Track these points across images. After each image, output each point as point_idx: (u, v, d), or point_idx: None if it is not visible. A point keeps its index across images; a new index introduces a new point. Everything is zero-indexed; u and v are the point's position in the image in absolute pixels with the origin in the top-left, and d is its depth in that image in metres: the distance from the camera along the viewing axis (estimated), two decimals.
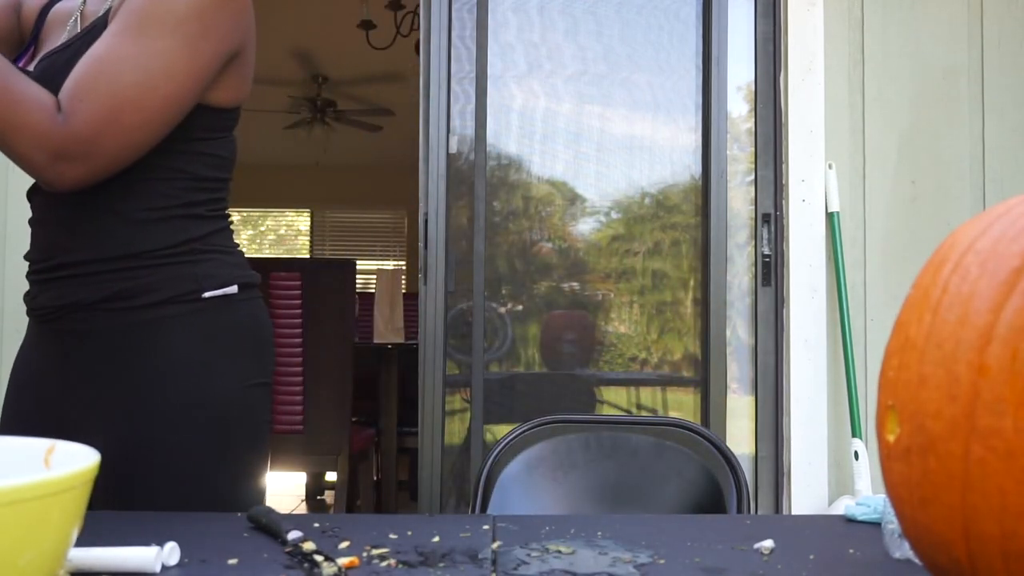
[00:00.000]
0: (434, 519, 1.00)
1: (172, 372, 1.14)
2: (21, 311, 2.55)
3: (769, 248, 2.68)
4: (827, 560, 0.85)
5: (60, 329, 1.18)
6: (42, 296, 1.20)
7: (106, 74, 1.06)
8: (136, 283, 1.14)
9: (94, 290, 1.15)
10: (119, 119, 1.07)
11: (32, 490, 0.58)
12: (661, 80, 2.83)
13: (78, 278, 1.16)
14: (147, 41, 1.07)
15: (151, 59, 1.07)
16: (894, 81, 2.61)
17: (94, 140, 1.06)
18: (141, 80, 1.07)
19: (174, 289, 1.15)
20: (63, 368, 1.18)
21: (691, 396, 2.84)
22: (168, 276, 1.15)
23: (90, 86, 1.06)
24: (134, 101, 1.07)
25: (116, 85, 1.06)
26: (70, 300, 1.16)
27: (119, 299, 1.14)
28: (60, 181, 1.08)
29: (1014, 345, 0.57)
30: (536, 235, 2.87)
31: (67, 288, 1.17)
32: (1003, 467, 0.57)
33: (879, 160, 2.61)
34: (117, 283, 1.14)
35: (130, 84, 1.07)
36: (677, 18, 2.83)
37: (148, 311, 1.14)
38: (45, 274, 1.20)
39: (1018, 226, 0.62)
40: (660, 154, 2.85)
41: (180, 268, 1.16)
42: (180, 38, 1.09)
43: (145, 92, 1.07)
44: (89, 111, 1.05)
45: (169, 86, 1.09)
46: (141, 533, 0.89)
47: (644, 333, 2.86)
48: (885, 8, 2.62)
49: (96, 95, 1.05)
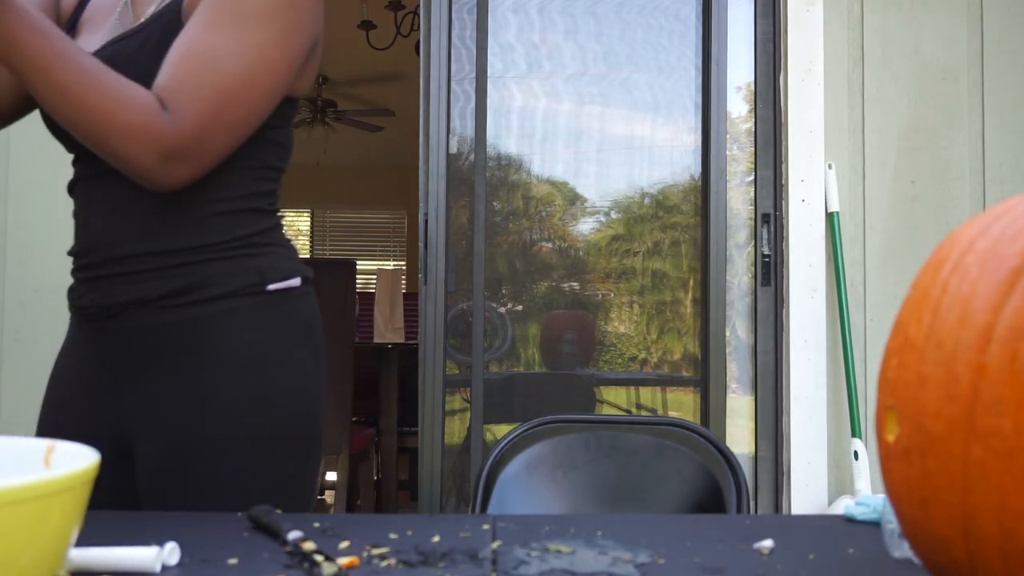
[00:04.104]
0: (434, 519, 1.00)
1: (236, 366, 1.11)
2: (21, 311, 2.56)
3: (769, 248, 2.68)
4: (827, 560, 0.85)
5: (115, 327, 1.13)
6: (92, 294, 1.14)
7: (209, 69, 1.03)
8: (199, 277, 1.11)
9: (155, 286, 1.10)
10: (224, 115, 1.04)
11: (32, 490, 0.58)
12: (661, 80, 2.83)
13: (138, 274, 1.11)
14: (244, 33, 1.05)
15: (250, 52, 1.05)
16: (894, 81, 2.61)
17: (202, 138, 1.03)
18: (243, 74, 1.05)
19: (238, 282, 1.12)
20: (117, 366, 1.14)
21: (691, 396, 2.84)
22: (231, 269, 1.12)
23: (194, 82, 1.02)
24: (238, 96, 1.05)
25: (220, 80, 1.03)
26: (128, 298, 1.11)
27: (182, 294, 1.10)
28: (167, 182, 1.04)
29: (1013, 345, 0.57)
30: (536, 235, 2.87)
31: (124, 285, 1.11)
32: (1003, 467, 0.57)
33: (879, 160, 2.61)
34: (180, 278, 1.10)
35: (234, 79, 1.04)
36: (677, 18, 2.83)
37: (211, 305, 1.11)
38: (95, 270, 1.13)
39: (1018, 226, 0.62)
40: (660, 154, 2.85)
41: (243, 261, 1.13)
42: (275, 29, 1.07)
43: (248, 86, 1.05)
44: (196, 109, 1.02)
45: (269, 79, 1.07)
46: (141, 533, 0.89)
47: (644, 333, 2.86)
48: (885, 8, 2.62)
49: (202, 92, 1.03)
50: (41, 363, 2.48)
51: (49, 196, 2.51)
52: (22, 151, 2.52)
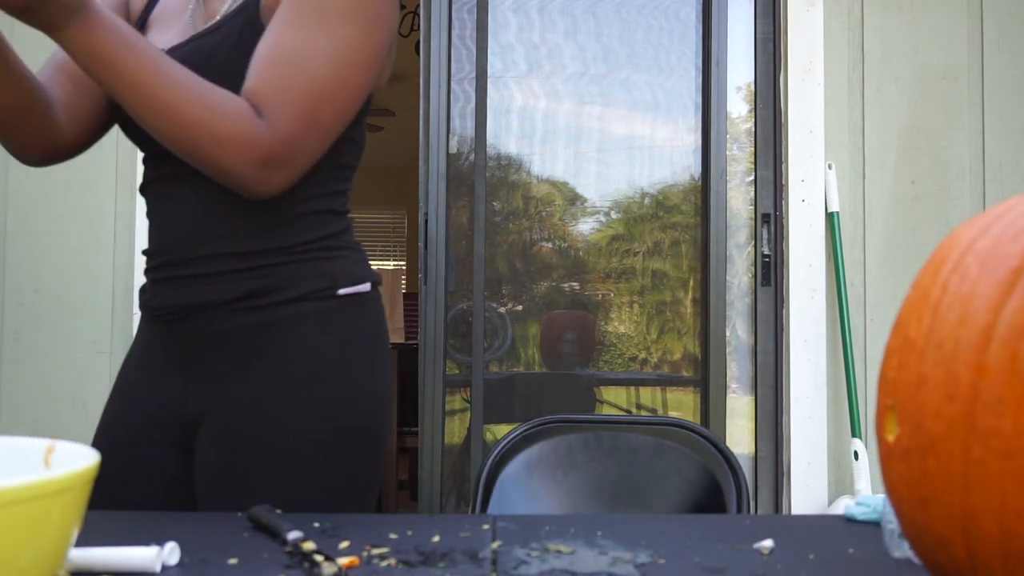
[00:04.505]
0: (434, 519, 1.00)
1: (306, 371, 1.10)
2: (21, 311, 2.56)
3: (769, 248, 2.68)
4: (827, 560, 0.85)
5: (185, 329, 1.13)
6: (165, 295, 1.13)
7: (301, 72, 1.01)
8: (273, 280, 1.10)
9: (229, 289, 1.10)
10: (319, 118, 1.03)
11: (32, 490, 0.58)
12: (661, 80, 2.83)
13: (213, 276, 1.10)
14: (331, 31, 1.03)
15: (338, 51, 1.03)
16: (894, 81, 2.61)
17: (298, 143, 1.02)
18: (334, 74, 1.03)
19: (310, 285, 1.11)
20: (186, 367, 1.14)
21: (691, 396, 2.84)
22: (305, 273, 1.11)
23: (287, 86, 1.01)
24: (330, 97, 1.03)
25: (313, 83, 1.02)
26: (202, 300, 1.10)
27: (255, 297, 1.10)
28: (264, 188, 1.02)
29: (1013, 345, 0.57)
30: (536, 235, 2.87)
31: (198, 287, 1.11)
32: (1003, 467, 0.57)
33: (879, 160, 2.61)
34: (254, 281, 1.10)
35: (325, 80, 1.02)
36: (677, 18, 2.83)
37: (282, 308, 1.10)
38: (168, 270, 1.12)
39: (1018, 226, 0.62)
40: (660, 154, 2.85)
41: (317, 264, 1.12)
42: (360, 25, 1.05)
43: (339, 86, 1.04)
44: (291, 113, 1.00)
45: (358, 77, 1.05)
46: (141, 533, 0.89)
47: (644, 333, 2.86)
48: (885, 8, 2.62)
49: (295, 95, 1.01)
50: (41, 363, 2.49)
51: (49, 196, 2.51)
52: None
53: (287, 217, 1.10)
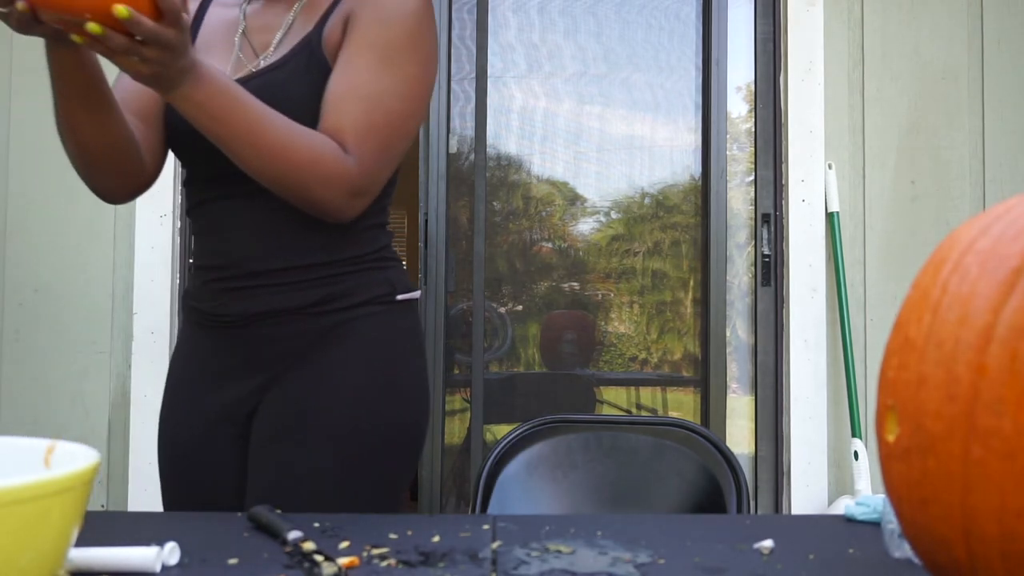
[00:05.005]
0: (434, 519, 1.00)
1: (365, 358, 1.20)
2: (21, 311, 2.56)
3: (769, 248, 2.68)
4: (827, 560, 0.85)
5: (252, 333, 1.21)
6: (233, 304, 1.21)
7: (378, 109, 1.13)
8: (341, 288, 1.20)
9: (301, 296, 1.19)
10: (392, 150, 1.16)
11: (32, 490, 0.58)
12: (661, 80, 2.83)
13: (285, 286, 1.19)
14: (397, 70, 1.15)
15: (406, 87, 1.16)
16: (894, 81, 2.61)
17: (379, 173, 1.15)
18: (404, 110, 1.16)
19: (373, 292, 1.22)
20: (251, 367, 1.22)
21: (691, 396, 2.84)
22: (369, 280, 1.22)
23: (367, 123, 1.12)
24: (401, 129, 1.16)
25: (389, 119, 1.14)
26: (274, 307, 1.19)
27: (326, 302, 1.19)
28: (350, 215, 1.15)
29: (1013, 345, 0.57)
30: (536, 235, 2.87)
31: (271, 296, 1.19)
32: (1003, 467, 0.57)
33: (879, 160, 2.61)
34: (322, 288, 1.19)
35: (398, 115, 1.15)
36: (677, 18, 2.83)
37: (349, 312, 1.20)
38: (238, 281, 1.20)
39: (1018, 226, 0.62)
40: (660, 154, 2.85)
41: (376, 273, 1.23)
42: (419, 62, 1.17)
43: (407, 119, 1.16)
44: (373, 148, 1.13)
45: (420, 108, 1.18)
46: (141, 533, 0.89)
47: (644, 333, 2.86)
48: (885, 8, 2.62)
49: (375, 131, 1.13)
50: (41, 363, 2.49)
51: (49, 196, 2.51)
52: (22, 152, 2.52)
53: (351, 231, 1.21)
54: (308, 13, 1.22)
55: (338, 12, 1.18)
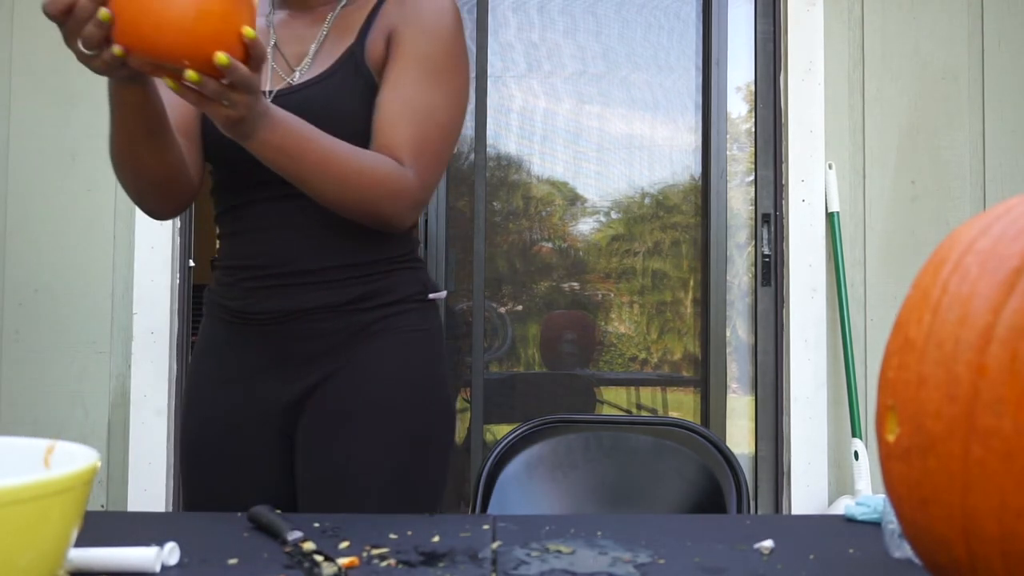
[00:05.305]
0: (434, 519, 1.00)
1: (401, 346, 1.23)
2: (21, 311, 2.56)
3: (769, 248, 2.68)
4: (827, 560, 0.85)
5: (287, 330, 1.22)
6: (268, 301, 1.23)
7: (431, 124, 1.19)
8: (379, 285, 1.24)
9: (340, 294, 1.22)
10: (444, 160, 1.22)
11: (32, 490, 0.58)
12: (661, 80, 2.83)
13: (323, 283, 1.21)
14: (445, 86, 1.21)
15: (452, 101, 1.22)
16: (894, 81, 2.61)
17: (434, 184, 1.21)
18: (452, 122, 1.22)
19: (408, 290, 1.26)
20: (286, 365, 1.23)
21: (691, 396, 2.84)
22: (402, 280, 1.26)
23: (423, 138, 1.18)
24: (450, 141, 1.23)
25: (441, 132, 1.20)
26: (311, 304, 1.21)
27: (360, 300, 1.22)
28: (409, 224, 1.21)
29: (1014, 345, 0.57)
30: (536, 235, 2.87)
31: (308, 292, 1.22)
32: (1003, 467, 0.57)
33: (879, 160, 2.61)
34: (359, 286, 1.23)
35: (448, 128, 1.21)
36: (677, 18, 2.83)
37: (385, 309, 1.24)
38: (274, 279, 1.22)
39: (1018, 226, 0.62)
40: (660, 154, 2.85)
41: (409, 273, 1.27)
42: (461, 73, 1.24)
43: (454, 130, 1.23)
44: (429, 161, 1.18)
45: (463, 119, 1.25)
46: (141, 533, 0.89)
47: (644, 333, 2.86)
48: (885, 8, 2.62)
49: (430, 146, 1.18)
50: (41, 363, 2.49)
51: (49, 196, 2.51)
52: (22, 152, 2.52)
53: (386, 233, 1.24)
54: (341, 25, 1.24)
55: (378, 26, 1.22)
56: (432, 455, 1.24)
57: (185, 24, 0.90)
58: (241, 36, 0.93)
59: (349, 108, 1.19)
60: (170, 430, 2.51)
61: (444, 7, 1.24)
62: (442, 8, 1.24)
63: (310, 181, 1.11)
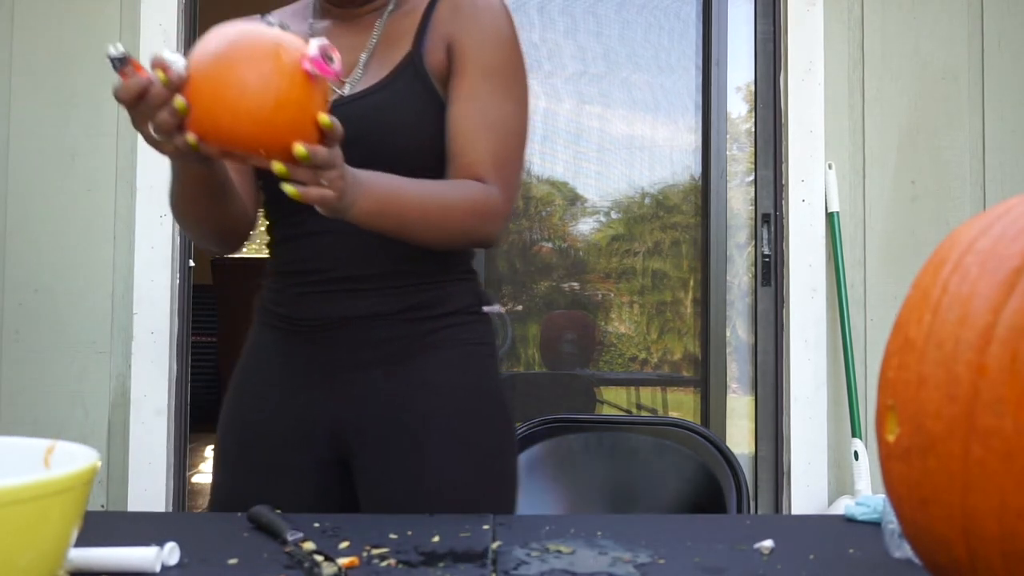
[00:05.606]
0: (434, 519, 1.00)
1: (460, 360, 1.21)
2: (21, 311, 2.56)
3: (769, 248, 2.68)
4: (827, 560, 0.85)
5: (337, 338, 1.20)
6: (320, 307, 1.20)
7: (508, 138, 1.19)
8: (434, 295, 1.21)
9: (392, 302, 1.19)
10: (521, 169, 1.23)
11: (32, 490, 0.58)
12: (661, 80, 2.83)
13: (375, 291, 1.19)
14: (512, 92, 1.20)
15: (522, 108, 1.22)
16: (894, 81, 2.61)
17: (516, 195, 1.21)
18: (523, 129, 1.22)
19: (463, 302, 1.24)
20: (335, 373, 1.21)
21: (691, 396, 2.84)
22: (459, 290, 1.24)
23: (504, 154, 1.18)
24: (524, 148, 1.23)
25: (517, 142, 1.21)
26: (364, 312, 1.19)
27: (416, 310, 1.20)
28: (499, 240, 1.21)
29: (1014, 345, 0.57)
30: (536, 235, 2.87)
31: (359, 300, 1.19)
32: (1003, 467, 0.57)
33: (879, 160, 2.61)
34: (415, 295, 1.20)
35: (521, 137, 1.22)
36: (677, 18, 2.83)
37: (439, 320, 1.21)
38: (326, 285, 1.20)
39: (1018, 226, 0.62)
40: (660, 154, 2.85)
41: (466, 284, 1.25)
42: (525, 79, 1.23)
43: (526, 138, 1.23)
44: (509, 173, 1.18)
45: (529, 125, 1.25)
46: (141, 533, 0.89)
47: (644, 333, 2.86)
48: (885, 8, 2.62)
49: (509, 156, 1.19)
50: (41, 363, 2.49)
51: (49, 196, 2.51)
52: (22, 152, 2.52)
53: None
54: (392, 33, 1.22)
55: (434, 34, 1.19)
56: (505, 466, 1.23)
57: (263, 114, 0.88)
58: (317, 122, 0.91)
59: (412, 117, 1.17)
60: (170, 430, 2.51)
61: (499, 11, 1.22)
62: (498, 13, 1.21)
63: (411, 233, 1.10)
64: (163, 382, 2.51)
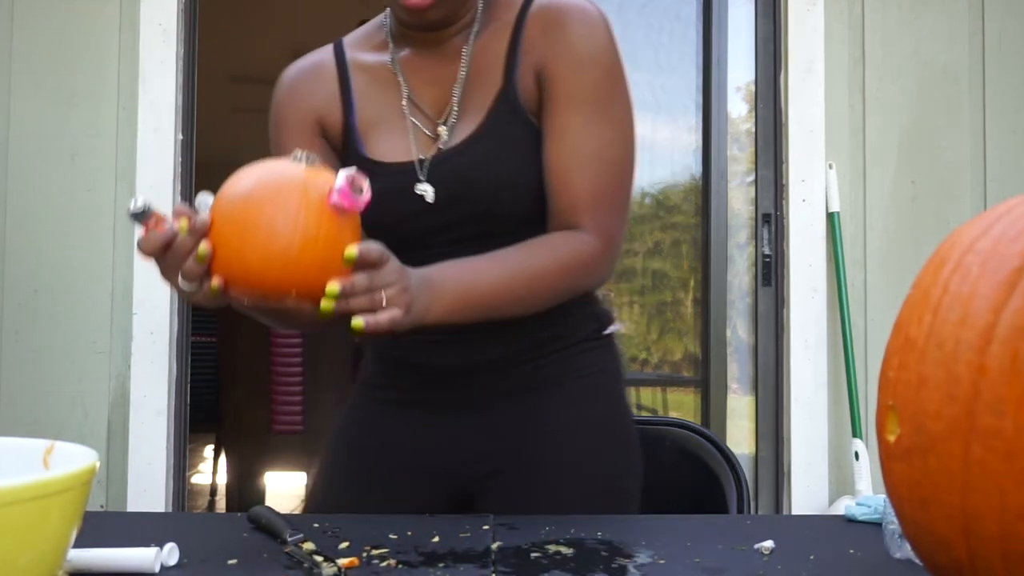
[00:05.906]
0: (434, 519, 1.00)
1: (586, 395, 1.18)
2: (21, 311, 2.55)
3: (769, 248, 2.68)
4: (827, 560, 0.85)
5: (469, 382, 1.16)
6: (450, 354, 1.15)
7: (605, 166, 1.09)
8: (559, 328, 1.16)
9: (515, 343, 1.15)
10: (625, 201, 1.13)
11: (32, 490, 0.58)
12: (661, 80, 2.83)
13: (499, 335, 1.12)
14: (611, 116, 1.10)
15: (623, 132, 1.12)
16: (894, 81, 2.61)
17: (621, 232, 1.13)
18: (626, 155, 1.12)
19: (586, 329, 1.19)
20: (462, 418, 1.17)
21: (691, 396, 2.84)
22: (582, 317, 1.19)
23: (599, 186, 1.09)
24: (628, 177, 1.13)
25: (617, 173, 1.11)
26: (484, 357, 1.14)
27: (539, 347, 1.16)
28: (606, 281, 1.16)
29: (1014, 345, 0.57)
30: None
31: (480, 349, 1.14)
32: (1003, 467, 0.57)
33: (879, 160, 2.61)
34: (544, 331, 1.15)
35: (623, 165, 1.12)
36: (677, 18, 2.82)
37: (561, 353, 1.17)
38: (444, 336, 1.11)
39: (1019, 226, 0.62)
40: (660, 154, 2.85)
41: (587, 308, 1.20)
42: (626, 98, 1.13)
43: (631, 164, 1.13)
44: (610, 209, 1.10)
45: (635, 145, 1.14)
46: (140, 533, 0.89)
47: (644, 333, 2.86)
48: (885, 8, 2.62)
49: (608, 190, 1.10)
50: (41, 363, 2.48)
51: (49, 196, 2.51)
52: (22, 152, 2.52)
53: None
54: (481, 62, 1.13)
55: (525, 61, 1.10)
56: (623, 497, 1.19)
57: (290, 256, 0.84)
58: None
59: (516, 170, 1.10)
60: (170, 430, 2.51)
61: (595, 25, 1.11)
62: (593, 28, 1.10)
63: (502, 315, 1.05)
64: (163, 382, 2.51)
